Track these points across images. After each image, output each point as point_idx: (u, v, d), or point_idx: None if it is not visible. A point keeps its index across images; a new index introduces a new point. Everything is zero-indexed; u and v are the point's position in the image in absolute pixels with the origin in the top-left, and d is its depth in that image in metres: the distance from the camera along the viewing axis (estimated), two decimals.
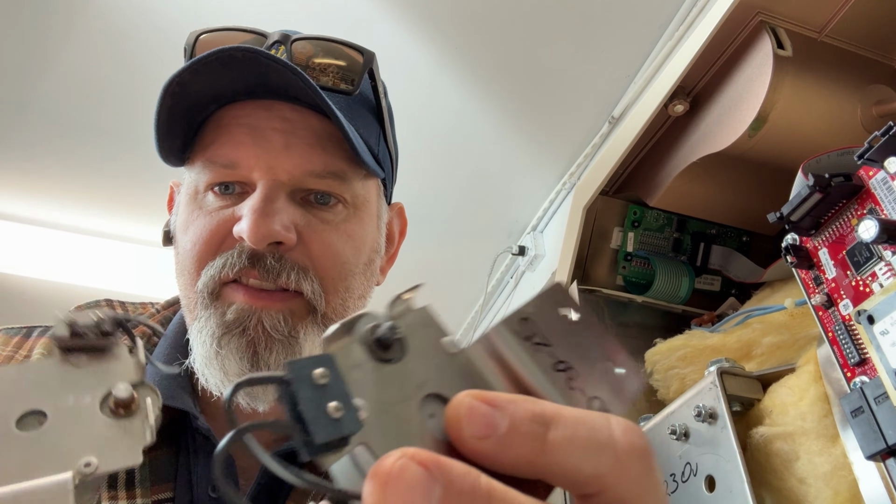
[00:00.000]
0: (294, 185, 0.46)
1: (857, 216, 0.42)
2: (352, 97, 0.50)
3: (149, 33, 1.37)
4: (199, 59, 0.43)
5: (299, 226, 0.46)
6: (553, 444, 0.18)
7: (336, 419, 0.17)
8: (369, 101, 0.52)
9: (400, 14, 1.38)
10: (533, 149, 1.71)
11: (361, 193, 0.49)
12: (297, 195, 0.47)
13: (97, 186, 1.78)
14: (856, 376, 0.40)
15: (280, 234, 0.44)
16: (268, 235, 0.43)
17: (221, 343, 0.43)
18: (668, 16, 1.36)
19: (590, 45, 1.43)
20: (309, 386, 0.17)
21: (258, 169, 0.45)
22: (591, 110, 1.59)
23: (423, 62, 1.48)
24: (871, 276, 0.40)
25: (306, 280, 0.45)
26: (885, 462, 0.37)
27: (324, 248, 0.46)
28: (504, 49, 1.45)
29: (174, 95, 0.45)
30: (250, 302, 0.44)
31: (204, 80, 0.45)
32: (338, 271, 0.47)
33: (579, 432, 0.19)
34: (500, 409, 0.18)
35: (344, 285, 0.47)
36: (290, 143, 0.46)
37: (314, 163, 0.46)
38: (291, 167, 0.46)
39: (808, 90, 0.55)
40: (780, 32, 0.55)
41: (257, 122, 0.46)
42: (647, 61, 1.45)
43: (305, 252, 0.46)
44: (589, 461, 0.19)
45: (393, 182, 0.57)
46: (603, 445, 0.19)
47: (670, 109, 0.62)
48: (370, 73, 0.50)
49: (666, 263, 0.70)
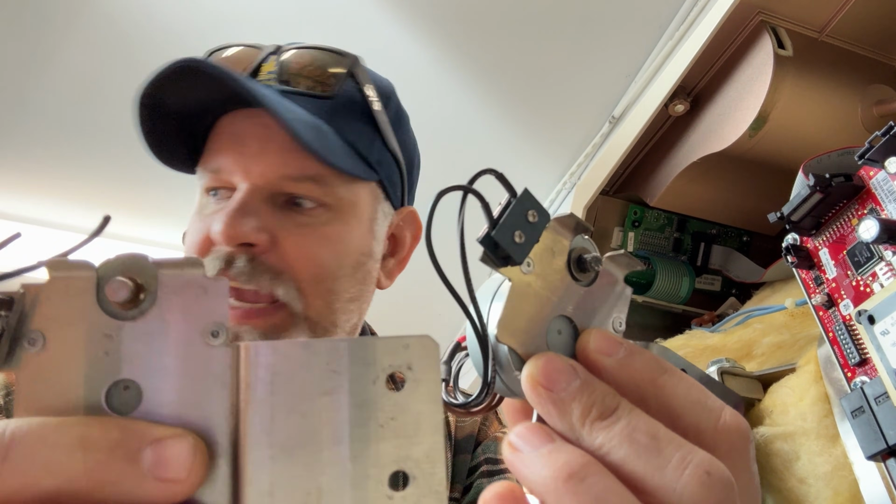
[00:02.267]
0: (271, 189, 0.47)
1: (858, 216, 0.42)
2: (335, 101, 0.50)
3: (149, 33, 1.37)
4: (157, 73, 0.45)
5: (274, 229, 0.46)
6: (662, 385, 0.21)
7: (516, 242, 0.21)
8: (357, 105, 0.51)
9: (399, 14, 1.38)
10: (533, 148, 1.71)
11: (346, 197, 0.49)
12: (277, 199, 0.47)
13: (97, 186, 1.78)
14: (856, 376, 0.40)
15: (249, 236, 0.44)
16: (235, 236, 0.44)
17: None
18: (669, 15, 1.36)
19: (590, 45, 1.43)
20: (521, 209, 0.21)
21: (237, 173, 0.47)
22: (591, 110, 1.59)
23: (423, 62, 1.48)
24: (872, 276, 0.40)
25: (281, 284, 0.45)
26: (886, 462, 0.37)
27: (298, 251, 0.46)
28: (504, 49, 1.45)
29: (149, 108, 0.46)
30: (235, 318, 0.45)
31: (173, 93, 0.46)
32: (315, 274, 0.47)
33: (692, 390, 0.21)
34: (626, 344, 0.22)
35: (324, 287, 0.47)
36: (266, 147, 0.47)
37: (290, 167, 0.47)
38: (266, 170, 0.46)
39: (809, 90, 0.55)
40: (781, 32, 0.55)
41: (240, 129, 0.48)
42: (647, 61, 1.45)
43: (280, 255, 0.46)
44: (693, 411, 0.21)
45: (405, 186, 0.56)
46: (709, 408, 0.21)
47: (671, 109, 0.62)
48: (353, 77, 0.51)
49: (666, 263, 0.70)
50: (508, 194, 0.22)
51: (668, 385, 0.21)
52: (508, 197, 0.22)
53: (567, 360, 0.21)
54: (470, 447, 0.57)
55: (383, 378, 0.18)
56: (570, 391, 0.20)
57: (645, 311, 0.71)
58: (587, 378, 0.21)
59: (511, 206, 0.21)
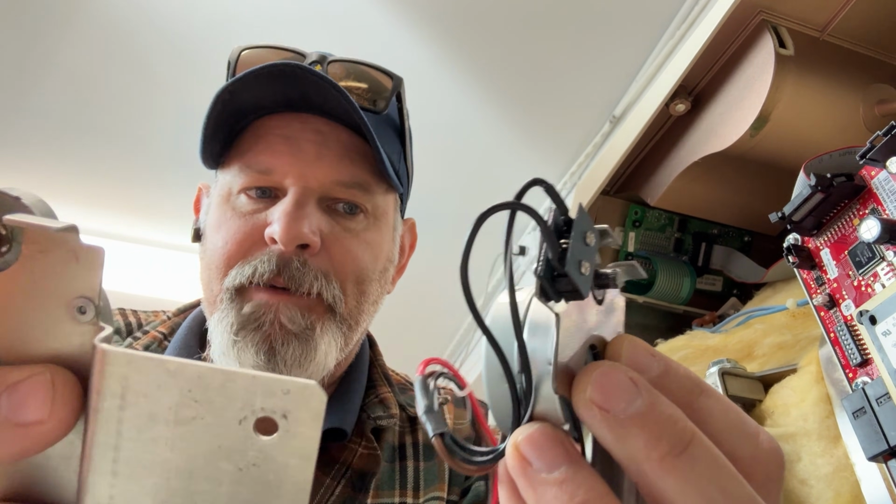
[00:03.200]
0: (322, 193, 0.50)
1: (860, 216, 0.42)
2: (379, 116, 0.53)
3: (149, 33, 1.37)
4: (251, 72, 0.47)
5: (324, 232, 0.49)
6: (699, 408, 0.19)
7: (582, 273, 0.18)
8: (394, 121, 0.56)
9: (400, 13, 1.38)
10: (533, 148, 1.71)
11: (382, 205, 0.53)
12: (323, 203, 0.50)
13: (97, 186, 1.78)
14: (858, 377, 0.40)
15: (307, 237, 0.47)
16: (297, 237, 0.46)
17: (239, 335, 0.46)
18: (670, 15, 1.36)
19: (591, 44, 1.43)
20: (580, 233, 0.18)
21: (291, 175, 0.49)
22: (592, 110, 1.59)
23: (423, 61, 1.48)
24: (874, 277, 0.40)
25: (328, 285, 0.48)
26: (887, 463, 0.37)
27: (344, 254, 0.49)
28: (504, 48, 1.44)
29: (224, 103, 0.48)
30: (269, 298, 0.47)
31: (252, 91, 0.48)
32: (356, 276, 0.50)
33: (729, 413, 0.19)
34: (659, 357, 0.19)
35: (360, 289, 0.50)
36: (322, 153, 0.49)
37: (342, 173, 0.50)
38: (322, 176, 0.49)
39: (810, 89, 0.55)
40: (782, 31, 0.55)
41: (293, 132, 0.50)
42: (648, 60, 1.45)
43: (328, 257, 0.49)
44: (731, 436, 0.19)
45: (407, 198, 0.60)
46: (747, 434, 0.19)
47: (672, 109, 0.62)
48: (398, 96, 0.55)
49: (667, 263, 0.70)
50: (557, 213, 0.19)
51: (705, 408, 0.19)
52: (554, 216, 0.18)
53: (625, 371, 0.18)
54: None
55: (252, 420, 0.16)
56: (632, 412, 0.17)
57: (646, 311, 0.71)
58: (651, 396, 0.17)
59: (574, 229, 0.18)
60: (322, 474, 0.50)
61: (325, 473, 0.50)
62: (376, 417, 0.54)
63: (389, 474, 0.53)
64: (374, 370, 0.59)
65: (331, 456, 0.51)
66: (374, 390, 0.57)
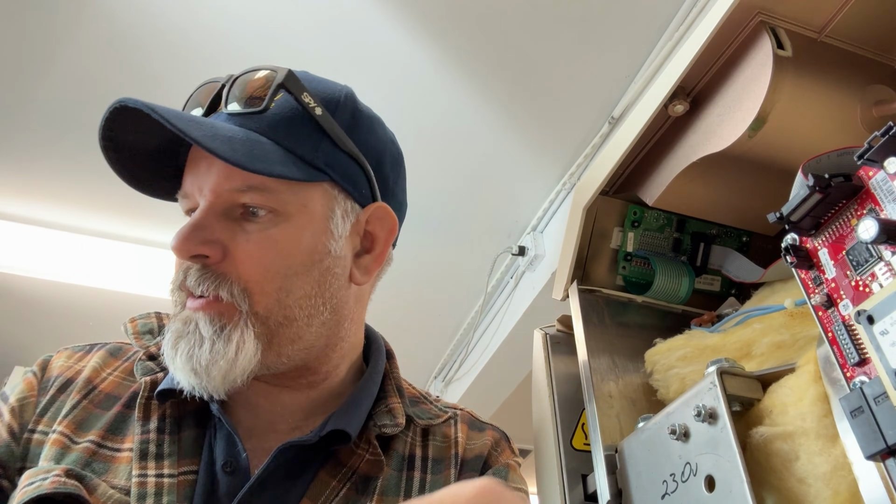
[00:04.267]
0: (224, 204, 0.52)
1: (857, 216, 0.42)
2: (269, 114, 0.54)
3: (149, 34, 1.37)
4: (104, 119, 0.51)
5: (225, 240, 0.52)
6: None
7: None
8: (297, 113, 0.55)
9: (399, 15, 1.38)
10: (533, 149, 1.71)
11: (292, 200, 0.53)
12: (233, 213, 0.53)
13: (97, 186, 1.78)
14: (855, 376, 0.40)
15: (196, 249, 0.51)
16: (186, 250, 0.50)
17: (172, 343, 0.52)
18: (668, 16, 1.36)
19: (590, 46, 1.43)
20: None
21: (194, 193, 0.53)
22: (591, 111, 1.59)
23: (424, 63, 1.48)
24: (871, 277, 0.40)
25: (224, 286, 0.51)
26: (885, 462, 0.37)
27: (245, 257, 0.52)
28: (504, 50, 1.45)
29: (107, 149, 0.53)
30: (191, 308, 0.52)
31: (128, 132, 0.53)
32: (261, 274, 0.52)
33: None
34: None
35: (273, 286, 0.52)
36: (212, 165, 0.52)
37: (232, 180, 0.52)
38: (215, 186, 0.52)
39: (808, 90, 0.55)
40: (780, 32, 0.55)
41: (195, 155, 0.54)
42: (647, 61, 1.45)
43: (231, 263, 0.52)
44: None
45: (373, 183, 0.58)
46: None
47: (670, 110, 0.62)
48: (285, 88, 0.54)
49: (666, 263, 0.71)
50: None
51: None
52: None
53: None
54: (478, 467, 0.59)
55: None
56: None
57: (644, 311, 0.71)
58: None
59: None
60: (329, 476, 0.52)
61: (332, 476, 0.52)
62: (382, 425, 0.56)
63: (396, 482, 0.55)
64: (388, 381, 0.61)
65: (339, 460, 0.53)
66: (384, 400, 0.59)
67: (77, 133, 1.66)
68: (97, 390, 0.55)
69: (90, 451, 0.51)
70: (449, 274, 2.08)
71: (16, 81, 1.51)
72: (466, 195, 1.86)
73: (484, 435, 0.62)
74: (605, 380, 0.63)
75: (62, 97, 1.57)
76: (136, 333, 0.60)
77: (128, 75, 1.45)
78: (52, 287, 2.10)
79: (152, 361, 0.57)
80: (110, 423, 0.53)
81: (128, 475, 0.49)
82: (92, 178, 1.79)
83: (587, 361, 0.64)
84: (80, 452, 0.50)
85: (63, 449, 0.50)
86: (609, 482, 0.56)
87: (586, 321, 0.67)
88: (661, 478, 0.51)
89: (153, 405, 0.53)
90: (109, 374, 0.57)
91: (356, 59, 1.45)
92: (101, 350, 0.60)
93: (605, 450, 0.58)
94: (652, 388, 0.62)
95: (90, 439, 0.52)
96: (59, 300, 2.18)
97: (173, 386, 0.52)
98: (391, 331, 0.73)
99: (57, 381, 0.56)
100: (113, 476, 0.49)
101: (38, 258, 1.98)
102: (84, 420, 0.53)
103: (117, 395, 0.55)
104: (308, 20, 1.40)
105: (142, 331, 0.61)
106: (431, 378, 2.61)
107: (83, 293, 2.11)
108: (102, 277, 2.03)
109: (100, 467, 0.50)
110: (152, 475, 0.50)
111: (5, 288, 2.15)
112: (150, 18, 1.37)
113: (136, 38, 1.40)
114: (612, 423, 0.60)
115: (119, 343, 0.61)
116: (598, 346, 0.66)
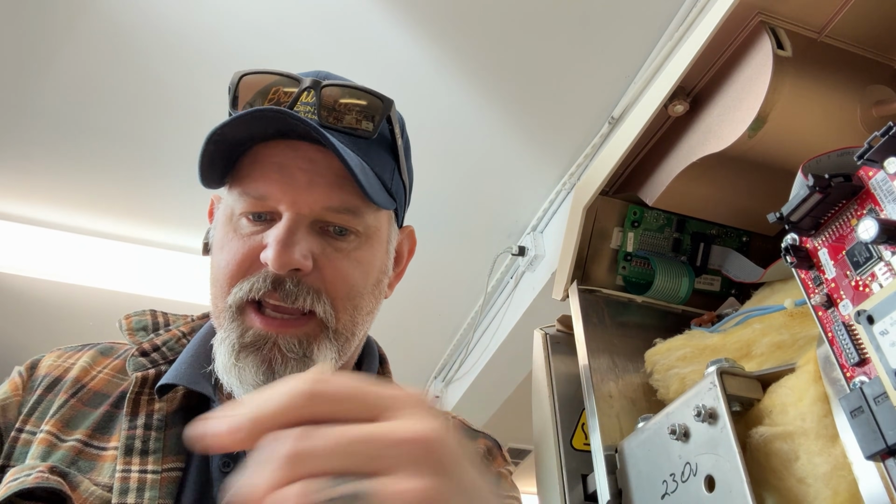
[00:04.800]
0: (314, 218, 0.54)
1: (857, 216, 0.42)
2: (372, 140, 0.57)
3: (149, 34, 1.37)
4: (238, 117, 0.51)
5: (316, 254, 0.53)
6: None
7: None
8: (387, 140, 0.59)
9: (400, 14, 1.38)
10: (533, 149, 1.71)
11: (373, 224, 0.57)
12: (316, 226, 0.54)
13: (97, 186, 1.78)
14: (855, 376, 0.40)
15: (299, 262, 0.51)
16: (288, 263, 0.51)
17: (239, 357, 0.51)
18: (668, 16, 1.36)
19: (590, 46, 1.43)
20: None
21: (284, 202, 0.53)
22: (591, 111, 1.59)
23: (424, 62, 1.48)
24: (871, 277, 0.40)
25: (319, 302, 0.52)
26: (885, 462, 0.37)
27: (335, 273, 0.53)
28: (504, 50, 1.45)
29: (216, 143, 0.53)
30: (266, 329, 0.52)
31: (242, 128, 0.53)
32: (347, 292, 0.54)
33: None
34: None
35: (353, 304, 0.55)
36: (313, 181, 0.53)
37: (333, 200, 0.53)
38: (313, 202, 0.53)
39: (808, 90, 0.55)
40: (780, 33, 0.55)
41: (286, 160, 0.54)
42: (646, 61, 1.45)
43: (320, 277, 0.53)
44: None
45: (406, 206, 0.63)
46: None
47: (670, 110, 0.62)
48: (388, 117, 0.57)
49: (666, 263, 0.71)
50: None
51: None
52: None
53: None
54: None
55: None
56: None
57: (644, 311, 0.71)
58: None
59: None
60: None
61: None
62: None
63: None
64: None
65: None
66: None
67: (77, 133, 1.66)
68: (86, 388, 0.56)
69: (76, 450, 0.51)
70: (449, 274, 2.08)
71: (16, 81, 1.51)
72: (466, 195, 1.86)
73: (476, 443, 0.63)
74: (605, 380, 0.63)
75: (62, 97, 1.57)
76: (131, 330, 0.61)
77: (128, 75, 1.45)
78: (52, 287, 2.10)
79: (144, 357, 0.57)
80: (97, 422, 0.53)
81: (112, 472, 0.50)
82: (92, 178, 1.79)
83: (587, 361, 0.64)
84: (66, 451, 0.51)
85: (50, 447, 0.51)
86: (609, 482, 0.56)
87: (586, 321, 0.67)
88: (660, 478, 0.51)
89: (143, 401, 0.54)
90: (99, 372, 0.58)
91: (356, 60, 1.45)
92: (92, 349, 0.61)
93: (605, 450, 0.58)
94: (652, 388, 0.62)
95: (77, 438, 0.52)
96: (59, 300, 2.18)
97: (174, 381, 0.53)
98: (391, 331, 0.74)
99: (45, 380, 0.56)
100: (97, 474, 0.50)
101: (38, 258, 1.98)
102: (72, 418, 0.53)
103: (106, 392, 0.56)
104: (309, 21, 1.40)
105: (136, 327, 0.61)
106: (431, 378, 2.61)
107: (83, 293, 2.11)
108: (102, 277, 2.03)
109: (85, 465, 0.50)
110: (136, 471, 0.50)
111: (5, 288, 2.15)
112: (150, 19, 1.37)
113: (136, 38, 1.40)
114: (612, 423, 0.60)
115: (111, 343, 0.62)
116: (598, 346, 0.66)
